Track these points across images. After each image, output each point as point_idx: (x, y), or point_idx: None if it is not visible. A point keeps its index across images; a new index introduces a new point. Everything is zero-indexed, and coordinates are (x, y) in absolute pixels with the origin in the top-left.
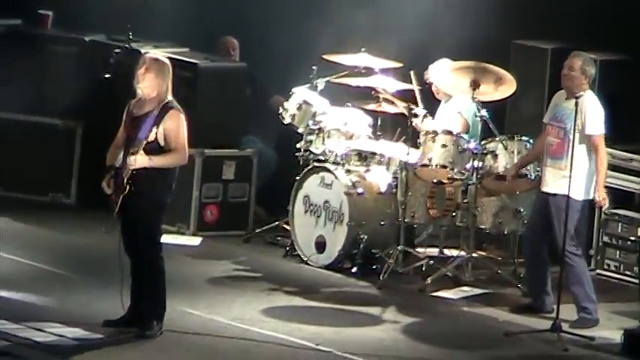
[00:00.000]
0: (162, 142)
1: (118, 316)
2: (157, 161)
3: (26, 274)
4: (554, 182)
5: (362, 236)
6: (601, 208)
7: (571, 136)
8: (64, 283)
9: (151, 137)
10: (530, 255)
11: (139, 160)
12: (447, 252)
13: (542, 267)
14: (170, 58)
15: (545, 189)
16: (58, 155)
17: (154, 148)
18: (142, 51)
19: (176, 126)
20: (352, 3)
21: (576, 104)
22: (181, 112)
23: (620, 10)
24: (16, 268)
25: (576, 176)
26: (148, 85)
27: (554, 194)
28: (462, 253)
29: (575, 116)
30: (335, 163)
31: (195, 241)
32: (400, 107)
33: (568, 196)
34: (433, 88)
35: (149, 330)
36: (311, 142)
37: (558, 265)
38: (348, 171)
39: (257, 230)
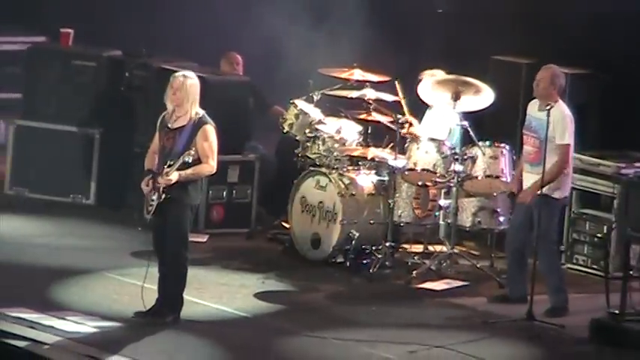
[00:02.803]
0: (197, 156)
1: (147, 308)
2: (191, 175)
3: (50, 269)
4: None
5: (354, 234)
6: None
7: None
8: (85, 279)
9: (194, 156)
10: (513, 251)
11: (174, 176)
12: (431, 248)
13: (522, 262)
14: None
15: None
16: (79, 160)
17: (193, 162)
18: (154, 65)
19: (208, 140)
20: (344, 21)
21: (548, 115)
22: (214, 126)
23: (589, 30)
24: (39, 264)
25: (555, 180)
26: (178, 104)
27: (539, 194)
28: (444, 249)
29: (547, 126)
30: (329, 167)
31: (203, 237)
32: (387, 119)
33: (547, 195)
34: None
35: (162, 318)
36: (308, 148)
37: (533, 257)
38: (341, 175)
39: (258, 228)
